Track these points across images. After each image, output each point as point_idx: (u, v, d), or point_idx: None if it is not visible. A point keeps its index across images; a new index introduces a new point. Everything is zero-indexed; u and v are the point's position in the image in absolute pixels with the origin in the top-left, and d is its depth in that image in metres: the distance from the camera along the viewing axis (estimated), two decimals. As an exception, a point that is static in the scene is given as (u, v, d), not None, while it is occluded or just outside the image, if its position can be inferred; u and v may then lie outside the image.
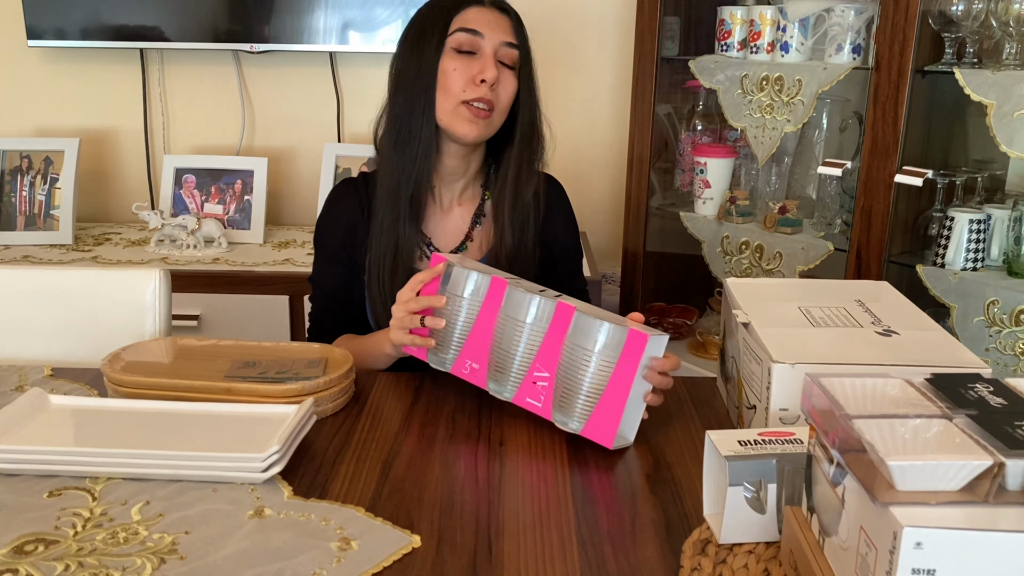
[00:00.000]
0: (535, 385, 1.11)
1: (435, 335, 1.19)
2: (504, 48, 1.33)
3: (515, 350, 1.12)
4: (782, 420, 1.00)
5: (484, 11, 1.34)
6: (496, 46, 1.32)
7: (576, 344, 1.07)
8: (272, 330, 2.16)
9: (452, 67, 1.32)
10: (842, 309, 1.16)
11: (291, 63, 2.52)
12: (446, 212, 1.44)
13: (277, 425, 1.04)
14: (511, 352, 1.12)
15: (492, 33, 1.32)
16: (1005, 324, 1.59)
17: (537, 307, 1.11)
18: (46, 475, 0.98)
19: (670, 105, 2.31)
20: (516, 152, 1.39)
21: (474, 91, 1.31)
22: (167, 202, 2.44)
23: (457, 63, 1.32)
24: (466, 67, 1.31)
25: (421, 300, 1.19)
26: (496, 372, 1.14)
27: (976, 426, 0.66)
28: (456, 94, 1.31)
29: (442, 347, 1.19)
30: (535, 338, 1.11)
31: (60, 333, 1.47)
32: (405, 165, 1.35)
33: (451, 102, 1.32)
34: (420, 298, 1.20)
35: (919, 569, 0.60)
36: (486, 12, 1.34)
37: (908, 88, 1.67)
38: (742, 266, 2.04)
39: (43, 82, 2.56)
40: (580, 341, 1.07)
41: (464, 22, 1.32)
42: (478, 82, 1.31)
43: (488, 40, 1.32)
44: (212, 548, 0.85)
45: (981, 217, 1.65)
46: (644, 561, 0.85)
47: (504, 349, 1.13)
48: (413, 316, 1.20)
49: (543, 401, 1.10)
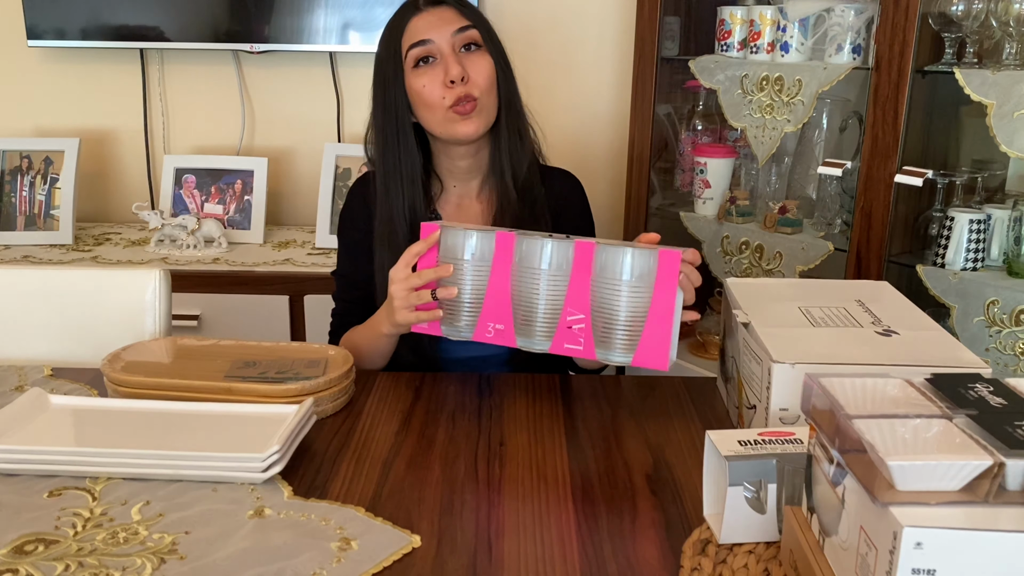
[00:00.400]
0: (571, 330, 1.09)
1: (444, 305, 1.17)
2: (457, 36, 1.32)
3: (539, 300, 1.11)
4: (782, 420, 1.00)
5: (424, 15, 1.33)
6: (450, 41, 1.32)
7: (606, 279, 1.07)
8: (272, 330, 2.16)
9: (421, 84, 1.32)
10: (842, 309, 1.16)
11: (291, 63, 2.52)
12: (465, 209, 1.44)
13: (277, 425, 1.04)
14: (535, 303, 1.11)
15: (439, 32, 1.32)
16: (1005, 324, 1.59)
17: (553, 251, 1.10)
18: (46, 475, 0.98)
19: (670, 105, 2.31)
20: (502, 131, 1.38)
21: (451, 94, 1.31)
22: (167, 202, 2.44)
23: (424, 78, 1.32)
24: (433, 76, 1.32)
25: (424, 274, 1.17)
26: (524, 327, 1.12)
27: (976, 426, 0.66)
28: (438, 105, 1.32)
29: (453, 315, 1.16)
30: (559, 283, 1.10)
31: (60, 333, 1.47)
32: (394, 201, 1.36)
33: (438, 114, 1.33)
34: (422, 272, 1.17)
35: (919, 569, 0.60)
36: (426, 15, 1.33)
37: (908, 88, 1.67)
38: (742, 266, 2.04)
39: (43, 82, 2.56)
40: (610, 275, 1.06)
41: (412, 37, 1.32)
42: (448, 84, 1.31)
43: (439, 40, 1.32)
44: (212, 548, 0.85)
45: (981, 217, 1.65)
46: (644, 561, 0.85)
47: (528, 302, 1.11)
48: (419, 292, 1.18)
49: (584, 343, 1.09)
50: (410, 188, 1.36)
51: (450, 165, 1.41)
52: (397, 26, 1.34)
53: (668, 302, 1.06)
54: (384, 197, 1.38)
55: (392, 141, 1.36)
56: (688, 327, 2.31)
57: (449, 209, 1.44)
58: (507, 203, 1.39)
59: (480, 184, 1.44)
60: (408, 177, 1.36)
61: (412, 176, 1.36)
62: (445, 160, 1.41)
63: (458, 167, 1.41)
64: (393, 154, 1.36)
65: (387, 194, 1.37)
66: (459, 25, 1.33)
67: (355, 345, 1.35)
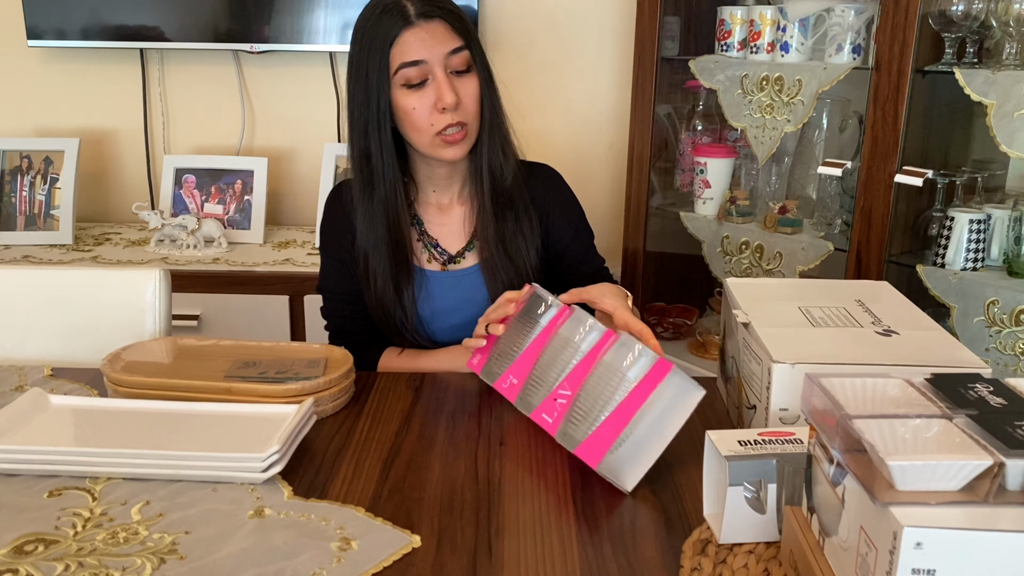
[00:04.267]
0: (555, 402, 1.09)
1: (498, 348, 1.18)
2: (451, 58, 1.29)
3: (553, 369, 1.10)
4: (782, 420, 1.00)
5: (416, 30, 1.27)
6: (443, 62, 1.28)
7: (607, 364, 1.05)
8: (272, 330, 2.16)
9: (411, 106, 1.29)
10: (842, 309, 1.16)
11: (291, 63, 2.52)
12: (446, 212, 1.44)
13: (277, 425, 1.04)
14: (549, 371, 1.11)
15: (433, 51, 1.27)
16: (1005, 324, 1.59)
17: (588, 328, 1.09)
18: (46, 475, 0.98)
19: (670, 105, 2.31)
20: (484, 142, 1.37)
21: (441, 120, 1.29)
22: (167, 202, 2.44)
23: (413, 100, 1.29)
24: (423, 99, 1.29)
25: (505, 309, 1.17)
26: (529, 388, 1.13)
27: (976, 426, 0.66)
28: (426, 129, 1.30)
29: (498, 361, 1.18)
30: (570, 358, 1.09)
31: (60, 333, 1.47)
32: (378, 206, 1.35)
33: (425, 137, 1.31)
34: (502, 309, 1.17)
35: (919, 569, 0.60)
36: (419, 31, 1.27)
37: (908, 88, 1.67)
38: (742, 266, 2.04)
39: (43, 82, 2.56)
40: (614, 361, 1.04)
41: (403, 54, 1.27)
42: (440, 110, 1.28)
43: (432, 61, 1.28)
44: (212, 548, 0.85)
45: (981, 217, 1.65)
46: (644, 561, 0.85)
47: (544, 367, 1.11)
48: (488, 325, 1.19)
49: (555, 418, 1.09)
50: (392, 191, 1.35)
51: (429, 172, 1.41)
52: (385, 35, 1.28)
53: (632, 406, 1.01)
54: (367, 203, 1.36)
55: (376, 149, 1.33)
56: (688, 327, 2.31)
57: (431, 212, 1.44)
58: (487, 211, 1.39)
59: (460, 188, 1.44)
60: (389, 182, 1.35)
61: (393, 181, 1.35)
62: (423, 167, 1.40)
63: (437, 174, 1.41)
64: (378, 159, 1.34)
65: (370, 199, 1.36)
66: (453, 46, 1.29)
67: (400, 366, 1.37)
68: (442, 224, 1.44)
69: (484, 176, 1.38)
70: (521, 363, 1.15)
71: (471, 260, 1.42)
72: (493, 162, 1.38)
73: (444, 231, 1.43)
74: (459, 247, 1.43)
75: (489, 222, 1.39)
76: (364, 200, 1.36)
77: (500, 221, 1.39)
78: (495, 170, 1.38)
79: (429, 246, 1.42)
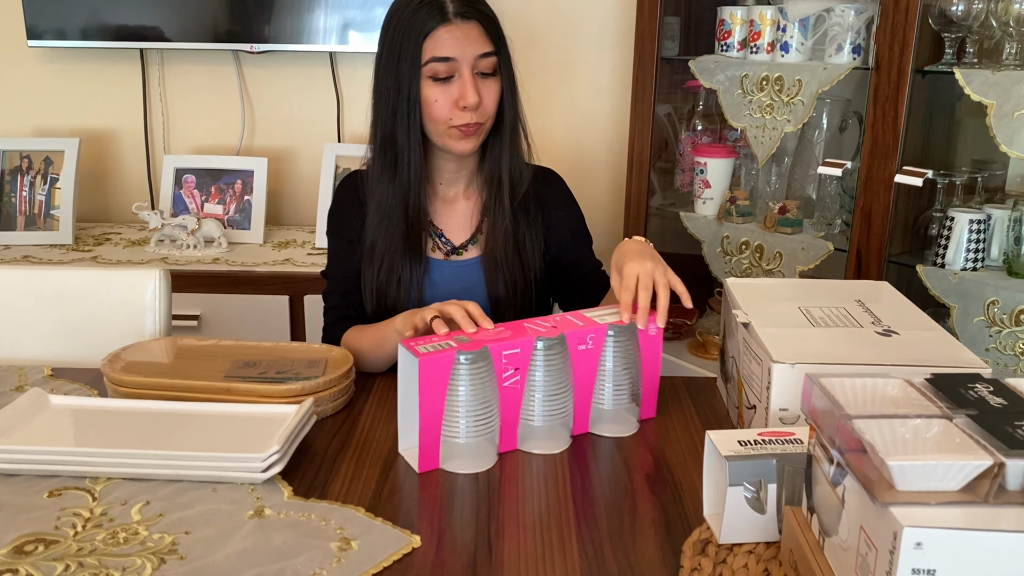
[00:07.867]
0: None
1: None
2: (480, 61, 1.31)
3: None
4: (782, 420, 1.00)
5: (452, 28, 1.29)
6: (472, 63, 1.30)
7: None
8: (272, 330, 2.16)
9: (433, 97, 1.31)
10: (842, 309, 1.16)
11: (291, 63, 2.52)
12: (451, 204, 1.45)
13: (277, 425, 1.04)
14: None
15: (465, 52, 1.29)
16: (1005, 324, 1.59)
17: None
18: (46, 475, 0.98)
19: (670, 105, 2.31)
20: (505, 145, 1.39)
21: (460, 116, 1.31)
22: (167, 202, 2.44)
23: (437, 92, 1.31)
24: (446, 94, 1.31)
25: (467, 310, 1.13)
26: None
27: (976, 426, 0.66)
28: (443, 120, 1.32)
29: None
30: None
31: (60, 333, 1.47)
32: (397, 190, 1.36)
33: (440, 127, 1.33)
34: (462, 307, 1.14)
35: (919, 569, 0.60)
36: (454, 29, 1.29)
37: (908, 88, 1.67)
38: (742, 266, 2.04)
39: (43, 82, 2.56)
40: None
41: (436, 49, 1.29)
42: (461, 107, 1.30)
43: (463, 61, 1.30)
44: (212, 548, 0.85)
45: (981, 217, 1.65)
46: (644, 561, 0.85)
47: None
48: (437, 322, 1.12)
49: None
50: (417, 178, 1.36)
51: (438, 164, 1.42)
52: (421, 27, 1.29)
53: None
54: (387, 185, 1.37)
55: (403, 135, 1.34)
56: (688, 327, 2.31)
57: (436, 203, 1.45)
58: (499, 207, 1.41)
59: (466, 183, 1.45)
60: (415, 169, 1.36)
61: (418, 168, 1.36)
62: (434, 159, 1.42)
63: (446, 167, 1.43)
64: (404, 144, 1.35)
65: (391, 181, 1.36)
66: (484, 50, 1.31)
67: (358, 344, 1.34)
68: (448, 216, 1.45)
69: (503, 179, 1.40)
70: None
71: (474, 253, 1.44)
72: (513, 166, 1.40)
73: (450, 223, 1.45)
74: (463, 239, 1.45)
75: (504, 223, 1.41)
76: (383, 182, 1.37)
77: (514, 223, 1.42)
78: (514, 174, 1.41)
79: (434, 235, 1.44)
